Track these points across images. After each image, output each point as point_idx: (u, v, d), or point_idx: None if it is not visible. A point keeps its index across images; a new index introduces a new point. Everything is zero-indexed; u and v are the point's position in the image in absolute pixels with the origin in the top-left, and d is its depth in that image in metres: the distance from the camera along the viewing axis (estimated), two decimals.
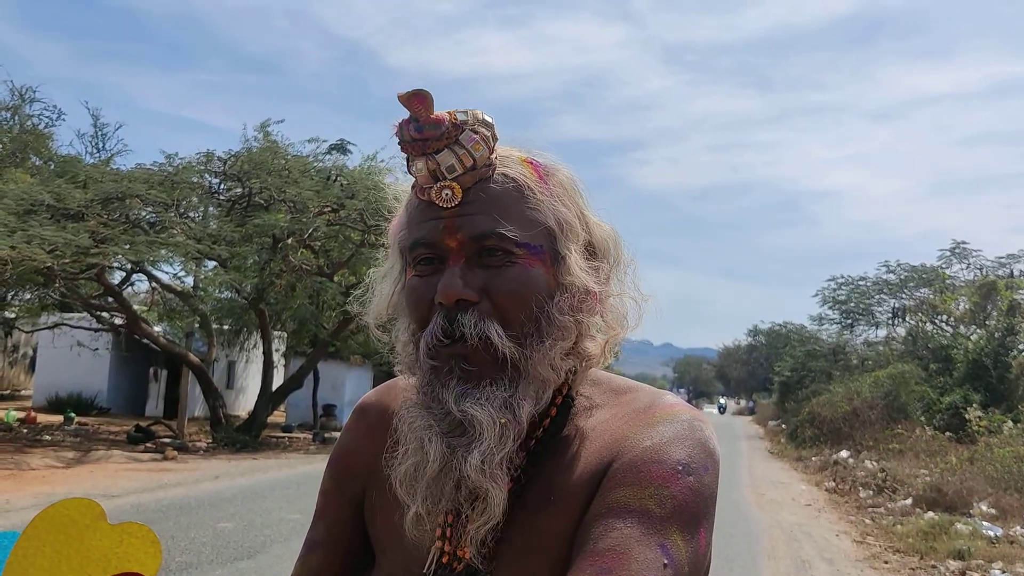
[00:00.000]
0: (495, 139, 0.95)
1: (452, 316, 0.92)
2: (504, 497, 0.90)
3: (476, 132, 0.93)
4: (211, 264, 18.80)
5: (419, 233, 0.95)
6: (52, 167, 18.94)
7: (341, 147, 22.07)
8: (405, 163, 0.97)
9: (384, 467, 1.00)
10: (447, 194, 0.93)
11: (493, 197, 0.94)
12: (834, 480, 16.98)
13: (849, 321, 35.23)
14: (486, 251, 0.93)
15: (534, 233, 0.94)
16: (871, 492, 14.70)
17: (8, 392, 26.79)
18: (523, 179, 0.96)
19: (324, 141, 20.89)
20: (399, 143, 0.95)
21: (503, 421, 0.90)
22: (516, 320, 0.92)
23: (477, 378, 0.92)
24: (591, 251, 1.00)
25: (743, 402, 74.66)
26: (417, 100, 0.91)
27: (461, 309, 0.91)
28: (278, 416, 23.16)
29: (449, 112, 0.93)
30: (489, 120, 0.95)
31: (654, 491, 0.87)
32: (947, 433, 19.10)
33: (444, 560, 0.95)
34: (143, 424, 18.44)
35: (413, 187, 0.98)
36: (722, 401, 71.50)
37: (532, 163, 0.99)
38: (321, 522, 1.13)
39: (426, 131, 0.91)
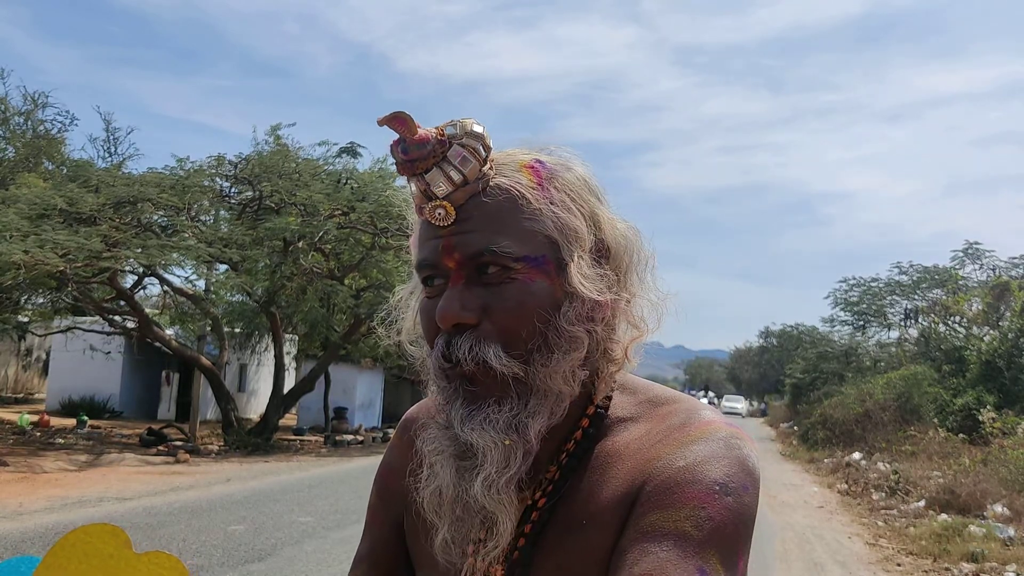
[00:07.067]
0: (487, 149, 0.92)
1: (451, 340, 0.90)
2: (512, 522, 0.89)
3: (464, 146, 0.90)
4: (222, 267, 18.87)
5: (422, 253, 0.94)
6: (65, 172, 19.07)
7: (351, 150, 22.10)
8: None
9: (414, 487, 0.99)
10: (440, 213, 0.91)
11: (487, 212, 0.91)
12: (846, 482, 16.92)
13: (861, 323, 35.14)
14: (483, 269, 0.90)
15: (534, 244, 0.91)
16: (884, 494, 14.63)
17: (22, 395, 26.93)
18: (517, 188, 0.92)
19: (334, 144, 21.00)
20: (394, 164, 0.93)
21: (508, 442, 0.88)
22: (518, 338, 0.89)
23: (480, 398, 0.90)
24: (603, 254, 0.96)
25: (755, 403, 74.28)
26: (398, 123, 0.89)
27: (458, 332, 0.90)
28: (290, 419, 23.21)
29: (437, 128, 0.90)
30: (478, 131, 0.91)
31: (690, 512, 0.83)
32: (960, 435, 18.99)
33: None
34: (155, 427, 18.52)
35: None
36: (704, 398, 60.62)
37: (532, 167, 0.94)
38: (367, 538, 1.13)
39: (411, 152, 0.89)
